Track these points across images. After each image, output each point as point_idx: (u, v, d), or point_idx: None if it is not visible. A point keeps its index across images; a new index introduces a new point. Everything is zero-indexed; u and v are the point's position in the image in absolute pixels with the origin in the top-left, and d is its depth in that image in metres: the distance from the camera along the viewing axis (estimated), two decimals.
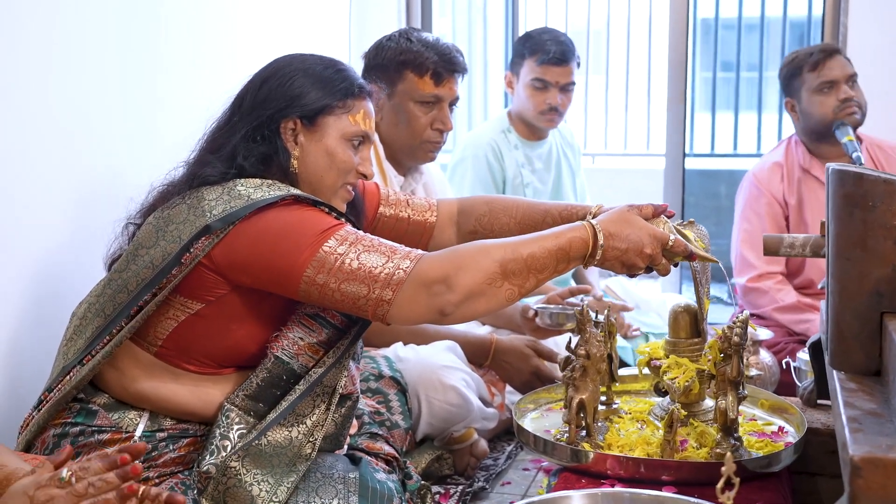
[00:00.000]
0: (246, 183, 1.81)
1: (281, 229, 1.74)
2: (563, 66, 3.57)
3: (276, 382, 1.81)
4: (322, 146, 1.89)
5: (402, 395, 2.35)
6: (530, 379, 2.68)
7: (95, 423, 1.82)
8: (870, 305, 1.52)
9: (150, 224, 1.82)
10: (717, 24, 6.41)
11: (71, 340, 1.85)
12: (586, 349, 1.92)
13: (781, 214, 3.34)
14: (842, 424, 1.31)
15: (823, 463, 2.05)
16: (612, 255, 1.78)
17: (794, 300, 3.22)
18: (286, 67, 1.91)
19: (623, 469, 1.81)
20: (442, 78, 2.66)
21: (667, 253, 1.84)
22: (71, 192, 2.27)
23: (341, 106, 1.89)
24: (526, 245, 1.73)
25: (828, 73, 3.23)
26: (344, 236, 1.73)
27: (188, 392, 1.83)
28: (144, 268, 1.78)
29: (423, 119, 2.68)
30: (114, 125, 2.41)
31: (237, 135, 1.87)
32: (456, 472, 2.57)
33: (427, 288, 1.68)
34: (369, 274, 1.69)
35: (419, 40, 2.67)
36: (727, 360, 1.85)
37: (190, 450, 1.84)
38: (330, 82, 1.90)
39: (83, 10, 2.30)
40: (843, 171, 1.54)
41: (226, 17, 2.96)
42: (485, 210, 2.16)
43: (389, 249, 1.72)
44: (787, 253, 2.19)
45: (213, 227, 1.73)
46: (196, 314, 1.81)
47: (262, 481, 1.75)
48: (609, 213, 1.84)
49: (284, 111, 1.87)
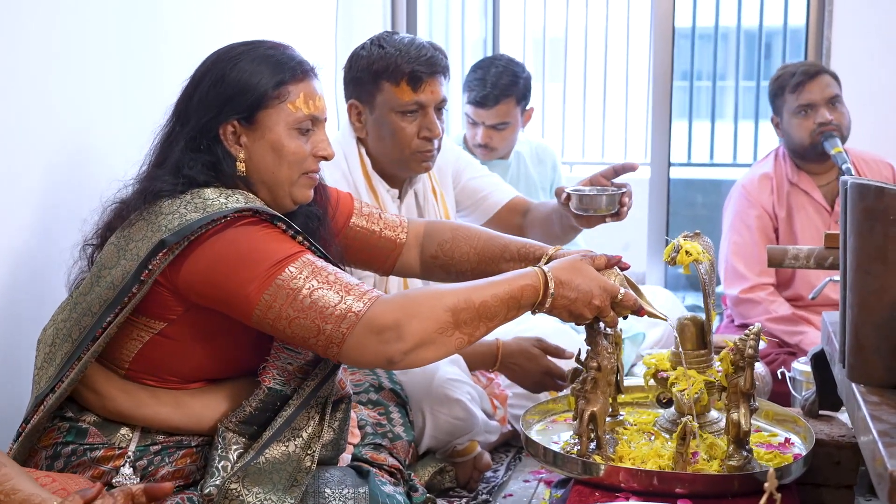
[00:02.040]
0: (202, 194, 1.76)
1: (239, 254, 1.70)
2: (486, 109, 3.53)
3: (269, 408, 1.79)
4: (266, 143, 1.82)
5: (402, 408, 2.33)
6: (541, 378, 2.62)
7: (87, 441, 1.78)
8: (890, 319, 1.53)
9: (111, 244, 1.79)
10: (694, 33, 6.44)
11: (42, 369, 1.81)
12: (598, 361, 1.92)
13: (771, 226, 3.37)
14: (873, 438, 1.32)
15: (828, 474, 2.06)
16: (561, 304, 1.79)
17: (788, 312, 3.24)
18: (216, 65, 1.83)
19: (637, 482, 1.81)
20: (420, 82, 2.49)
21: (616, 306, 1.84)
22: (70, 192, 2.23)
23: (276, 96, 1.81)
24: (478, 292, 1.73)
25: (807, 96, 3.27)
26: (300, 267, 1.69)
27: (169, 409, 1.80)
28: (106, 289, 1.74)
29: (408, 129, 2.52)
30: (113, 127, 2.39)
31: (178, 146, 1.81)
32: (458, 485, 2.56)
33: (378, 335, 1.66)
34: (321, 313, 1.66)
35: (392, 45, 2.51)
36: (740, 372, 1.86)
37: (187, 462, 1.81)
38: (260, 74, 1.81)
39: (83, 11, 2.27)
40: (863, 185, 1.55)
41: (221, 19, 2.94)
42: (449, 237, 2.16)
43: (344, 287, 1.69)
44: (791, 264, 2.20)
45: (168, 241, 1.69)
46: (160, 334, 1.78)
47: (266, 499, 1.73)
48: (561, 261, 1.84)
49: (219, 117, 1.81)
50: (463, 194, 2.88)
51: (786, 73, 3.35)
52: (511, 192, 2.89)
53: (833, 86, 3.28)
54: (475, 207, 2.87)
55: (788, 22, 6.15)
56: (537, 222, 2.74)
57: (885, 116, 3.87)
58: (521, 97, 3.58)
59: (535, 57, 6.74)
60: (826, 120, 3.22)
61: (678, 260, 2.00)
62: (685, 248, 1.99)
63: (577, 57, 6.90)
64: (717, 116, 6.53)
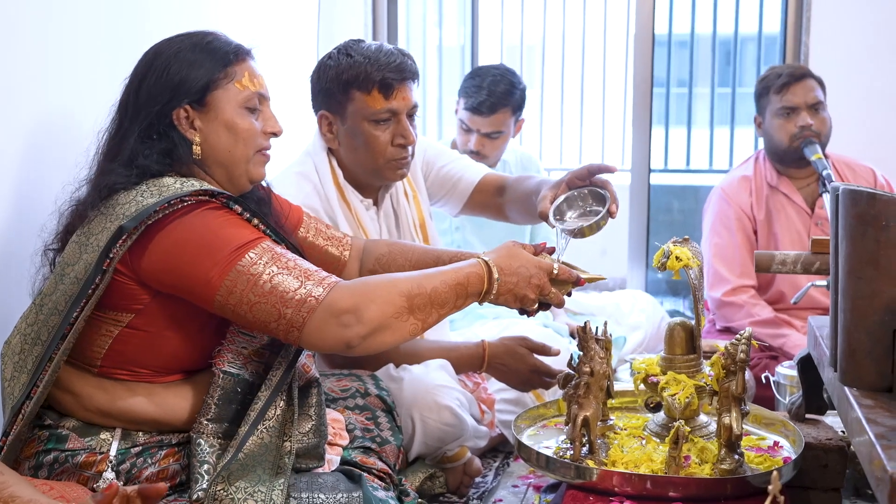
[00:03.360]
0: (158, 182, 1.79)
1: (199, 241, 1.73)
2: (484, 117, 3.52)
3: (233, 397, 1.80)
4: (220, 123, 1.87)
5: (389, 414, 2.33)
6: (528, 377, 2.64)
7: (68, 447, 1.78)
8: (882, 323, 1.55)
9: (72, 243, 1.80)
10: (671, 40, 6.49)
11: (13, 379, 1.79)
12: (590, 366, 1.93)
13: (750, 228, 3.40)
14: (869, 441, 1.33)
15: (815, 476, 2.08)
16: (506, 289, 1.86)
17: (770, 315, 3.27)
18: (158, 59, 1.88)
19: (630, 486, 1.82)
20: (392, 89, 2.46)
21: (556, 283, 1.91)
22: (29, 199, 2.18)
23: (223, 76, 1.87)
24: (429, 279, 1.79)
25: (790, 98, 3.29)
26: (260, 253, 1.73)
27: (143, 400, 1.80)
28: (71, 284, 1.75)
29: (381, 137, 2.49)
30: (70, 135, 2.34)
31: (131, 138, 1.84)
32: (449, 491, 2.56)
33: (337, 318, 1.70)
34: (281, 298, 1.70)
35: (360, 53, 2.47)
36: (731, 377, 1.87)
37: (170, 461, 1.81)
38: (204, 58, 1.87)
39: (75, 12, 2.27)
40: (855, 191, 1.56)
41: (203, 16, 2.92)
42: (385, 251, 2.25)
43: (303, 273, 1.73)
44: (777, 270, 2.23)
45: (127, 227, 1.71)
46: (128, 326, 1.79)
47: (256, 492, 1.74)
48: (496, 249, 1.91)
49: (171, 103, 1.85)
50: (435, 184, 2.84)
51: (772, 74, 3.38)
52: (481, 170, 2.84)
53: (817, 91, 3.31)
54: (450, 195, 2.84)
55: (763, 29, 6.21)
56: (518, 201, 2.67)
57: (864, 122, 3.91)
58: (516, 107, 3.58)
59: (513, 63, 6.74)
60: (807, 124, 3.25)
61: (668, 265, 2.02)
62: (675, 253, 2.01)
63: (554, 63, 6.93)
64: (693, 123, 6.58)
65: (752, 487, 1.81)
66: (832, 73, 3.39)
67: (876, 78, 3.99)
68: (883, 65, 3.99)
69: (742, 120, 6.24)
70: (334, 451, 2.04)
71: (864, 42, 3.98)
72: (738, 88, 6.42)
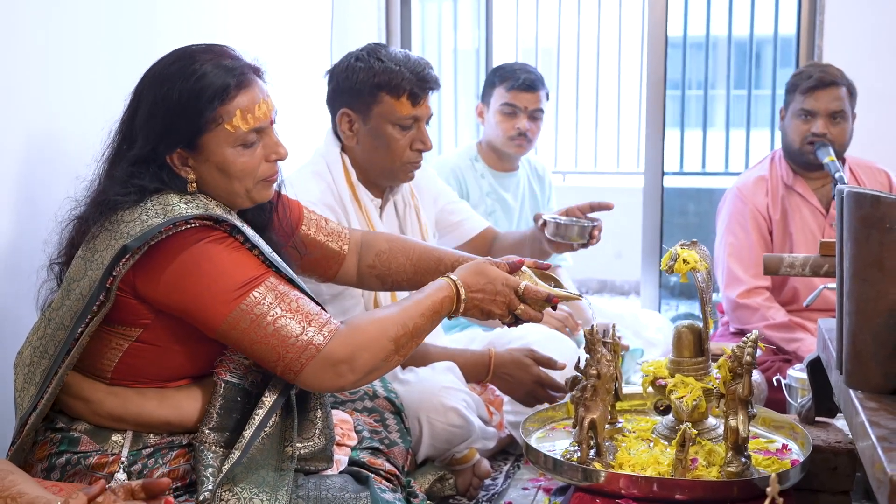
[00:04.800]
0: (163, 199, 1.78)
1: (204, 273, 1.75)
2: (531, 93, 3.64)
3: (233, 406, 1.83)
4: (212, 165, 1.84)
5: (397, 416, 2.34)
6: (533, 388, 2.66)
7: (80, 449, 1.80)
8: (887, 325, 1.55)
9: (78, 258, 1.81)
10: (686, 42, 6.47)
11: (23, 390, 1.82)
12: (597, 369, 1.93)
13: (766, 227, 3.39)
14: (872, 444, 1.33)
15: (824, 479, 2.08)
16: (471, 304, 1.96)
17: (784, 318, 3.25)
18: (145, 99, 1.83)
19: (637, 488, 1.83)
20: (419, 98, 2.56)
21: (527, 301, 1.98)
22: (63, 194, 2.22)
23: (213, 119, 1.81)
24: (410, 316, 1.87)
25: (812, 103, 3.28)
26: (265, 291, 1.77)
27: (156, 404, 1.83)
28: (76, 300, 1.77)
29: (402, 141, 2.57)
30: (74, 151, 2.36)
31: (125, 163, 1.83)
32: (458, 493, 2.57)
33: (333, 367, 1.78)
34: (283, 341, 1.76)
35: (391, 59, 2.55)
36: (737, 379, 1.87)
37: (181, 461, 1.83)
38: (191, 100, 1.80)
39: (76, 12, 2.28)
40: (859, 193, 1.56)
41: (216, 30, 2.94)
42: (385, 248, 2.27)
43: (306, 317, 1.78)
44: (787, 272, 2.22)
45: (131, 246, 1.72)
46: (138, 340, 1.82)
47: (261, 492, 1.77)
48: (467, 266, 2.00)
49: (162, 147, 1.82)
50: (440, 217, 2.99)
51: (805, 73, 3.36)
52: (484, 223, 3.05)
53: (841, 100, 3.28)
54: (451, 230, 2.99)
55: (779, 31, 6.18)
56: (507, 248, 2.88)
57: (877, 124, 3.89)
58: (546, 92, 3.72)
59: None
60: (821, 132, 3.25)
61: (676, 268, 2.02)
62: (683, 256, 2.02)
63: (569, 67, 6.93)
64: (709, 125, 6.56)
65: (758, 490, 1.81)
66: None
67: (889, 79, 3.97)
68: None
69: (758, 122, 6.22)
70: (342, 452, 2.06)
71: (876, 44, 3.96)
72: (754, 90, 6.39)
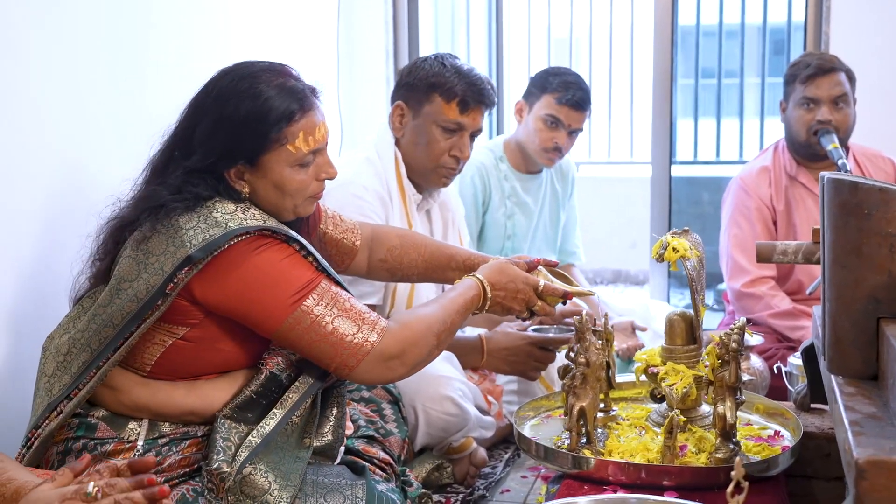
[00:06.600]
0: (222, 209, 1.85)
1: (264, 278, 1.82)
2: (579, 112, 3.53)
3: (266, 394, 1.89)
4: (269, 181, 1.91)
5: (394, 405, 2.38)
6: (530, 351, 2.72)
7: (97, 436, 1.85)
8: (866, 311, 1.56)
9: (129, 258, 1.85)
10: (699, 31, 6.45)
11: (54, 376, 1.87)
12: (586, 357, 1.95)
13: (770, 218, 3.38)
14: (844, 428, 1.34)
15: (818, 466, 2.08)
16: (495, 302, 2.10)
17: (789, 306, 3.25)
18: (209, 114, 1.88)
19: (625, 475, 1.84)
20: (468, 107, 2.68)
21: (543, 297, 2.15)
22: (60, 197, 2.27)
23: (276, 140, 1.88)
24: (448, 313, 2.00)
25: (813, 90, 3.27)
26: (321, 295, 1.85)
27: (185, 392, 1.88)
28: (129, 301, 1.81)
29: (442, 144, 2.70)
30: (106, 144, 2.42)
31: (178, 170, 1.88)
32: (455, 481, 2.60)
33: (385, 362, 1.89)
34: (340, 340, 1.84)
35: (453, 66, 2.70)
36: (725, 366, 1.88)
37: (193, 451, 1.87)
38: (256, 122, 1.86)
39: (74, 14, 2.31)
40: (838, 180, 1.57)
41: (216, 21, 2.97)
42: (396, 243, 2.34)
43: (359, 317, 1.87)
44: (779, 260, 2.23)
45: (195, 257, 1.78)
46: (183, 338, 1.87)
47: (276, 476, 1.81)
48: (490, 265, 2.14)
49: (222, 162, 1.87)
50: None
51: (802, 62, 3.34)
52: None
53: (842, 85, 3.27)
54: None
55: (792, 18, 6.15)
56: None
57: (884, 112, 3.87)
58: (590, 111, 3.62)
59: (540, 58, 6.77)
60: (826, 119, 3.24)
61: (665, 256, 2.04)
62: (672, 244, 2.03)
63: (582, 57, 6.92)
64: (723, 114, 6.53)
65: (745, 476, 1.82)
66: (852, 63, 3.36)
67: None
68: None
69: (771, 110, 6.19)
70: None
71: (884, 32, 3.93)
72: (767, 78, 6.36)
